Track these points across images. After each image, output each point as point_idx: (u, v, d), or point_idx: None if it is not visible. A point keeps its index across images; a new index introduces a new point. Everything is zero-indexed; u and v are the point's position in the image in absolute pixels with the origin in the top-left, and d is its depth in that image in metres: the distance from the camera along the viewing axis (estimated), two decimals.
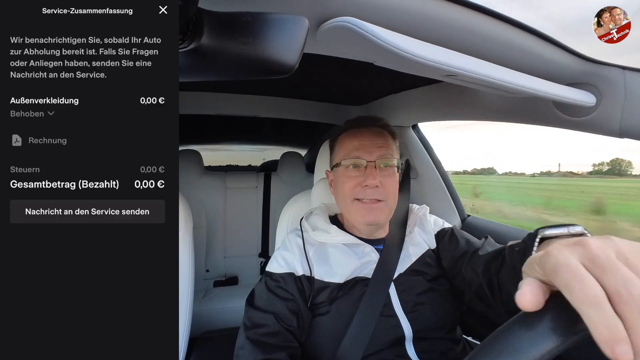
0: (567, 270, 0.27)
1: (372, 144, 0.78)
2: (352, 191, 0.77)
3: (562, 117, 0.69)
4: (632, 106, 0.59)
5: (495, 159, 20.71)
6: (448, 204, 1.37)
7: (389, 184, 0.77)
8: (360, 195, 0.76)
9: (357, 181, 0.76)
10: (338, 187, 0.82)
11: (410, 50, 0.42)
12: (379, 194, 0.76)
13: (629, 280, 0.24)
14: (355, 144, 0.79)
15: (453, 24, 0.50)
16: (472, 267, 0.70)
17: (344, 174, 0.79)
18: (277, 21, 0.33)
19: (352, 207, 0.78)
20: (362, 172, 0.77)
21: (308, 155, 2.71)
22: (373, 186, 0.75)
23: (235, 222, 1.98)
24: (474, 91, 0.86)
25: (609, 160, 7.23)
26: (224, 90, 1.37)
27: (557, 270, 0.28)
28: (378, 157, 0.77)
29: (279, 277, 0.75)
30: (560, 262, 0.28)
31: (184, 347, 0.92)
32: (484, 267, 0.66)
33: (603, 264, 0.26)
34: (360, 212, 0.77)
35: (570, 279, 0.26)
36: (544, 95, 0.56)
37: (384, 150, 0.78)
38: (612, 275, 0.25)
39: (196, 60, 0.33)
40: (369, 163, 0.76)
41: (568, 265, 0.27)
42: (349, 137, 0.81)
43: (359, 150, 0.77)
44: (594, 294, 0.24)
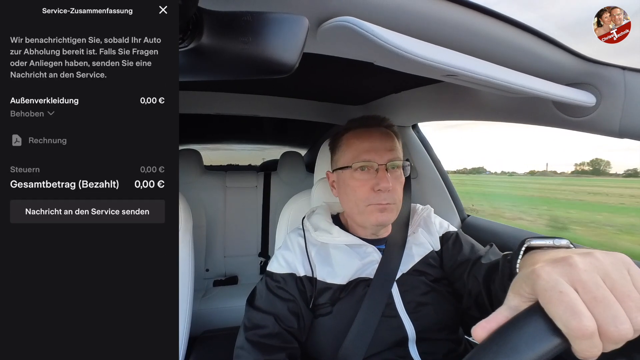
0: (561, 304, 0.28)
1: (382, 146, 0.76)
2: (366, 196, 0.75)
3: (562, 117, 0.69)
4: (632, 106, 0.59)
5: (485, 158, 20.79)
6: (448, 204, 1.37)
7: (398, 186, 0.77)
8: (374, 200, 0.75)
9: (370, 185, 0.75)
10: (347, 191, 0.80)
11: (411, 50, 0.42)
12: (391, 197, 0.75)
13: (617, 317, 0.27)
14: (365, 146, 0.77)
15: (453, 23, 0.50)
16: (474, 275, 0.70)
17: (353, 176, 0.77)
18: (277, 21, 0.33)
19: (365, 211, 0.76)
20: (373, 175, 0.75)
21: (308, 155, 2.71)
22: (387, 190, 0.73)
23: (235, 222, 1.98)
24: (474, 91, 0.86)
25: (589, 160, 7.25)
26: (224, 90, 1.37)
27: (550, 299, 0.29)
28: (389, 160, 0.76)
29: (280, 277, 0.75)
30: (552, 287, 0.29)
31: (184, 346, 0.92)
32: (485, 276, 0.66)
33: (595, 294, 0.28)
34: (374, 215, 0.75)
35: (567, 315, 0.27)
36: (544, 96, 0.56)
37: (394, 153, 0.77)
38: (603, 310, 0.27)
39: (196, 59, 0.33)
40: (380, 166, 0.75)
41: (562, 298, 0.28)
42: (358, 139, 0.79)
43: (369, 153, 0.76)
44: (590, 331, 0.26)
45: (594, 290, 0.28)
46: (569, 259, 0.31)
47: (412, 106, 1.19)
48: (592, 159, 4.47)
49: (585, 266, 0.30)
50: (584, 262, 0.30)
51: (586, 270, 0.29)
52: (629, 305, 0.27)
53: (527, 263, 0.42)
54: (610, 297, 0.28)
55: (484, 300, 0.65)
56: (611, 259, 0.30)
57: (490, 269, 0.66)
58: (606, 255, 0.31)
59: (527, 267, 0.37)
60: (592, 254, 0.31)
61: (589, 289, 0.28)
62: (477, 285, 0.67)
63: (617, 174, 3.12)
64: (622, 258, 0.31)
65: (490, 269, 0.66)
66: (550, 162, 16.24)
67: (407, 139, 1.35)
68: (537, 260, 0.38)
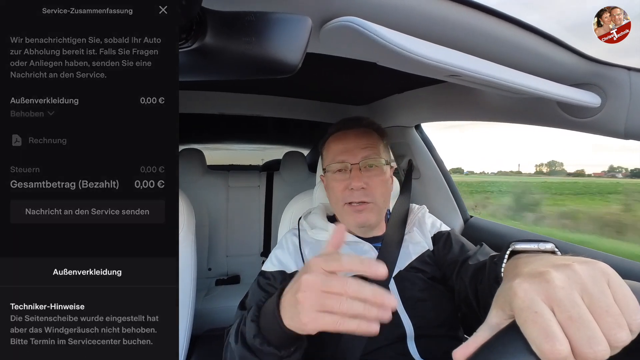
0: (535, 325, 0.28)
1: (355, 146, 0.78)
2: (341, 195, 0.78)
3: (567, 118, 0.69)
4: (638, 107, 0.58)
5: (463, 159, 21.14)
6: (451, 204, 1.36)
7: (375, 184, 0.77)
8: (349, 198, 0.77)
9: (344, 184, 0.77)
10: (329, 193, 0.84)
11: (414, 50, 0.42)
12: (366, 196, 0.76)
13: (593, 338, 0.26)
14: (340, 148, 0.80)
15: (456, 23, 0.49)
16: (461, 276, 0.71)
17: (332, 178, 0.80)
18: (280, 21, 0.33)
19: (343, 211, 0.79)
20: (347, 175, 0.77)
21: (310, 155, 2.71)
22: (358, 188, 0.75)
23: (237, 221, 1.98)
24: (477, 92, 0.86)
25: (547, 162, 7.33)
26: (227, 90, 1.37)
27: (525, 319, 0.29)
28: (362, 159, 0.77)
29: (270, 275, 0.76)
30: (528, 307, 0.29)
31: (186, 345, 0.92)
32: (471, 277, 0.66)
33: (570, 313, 0.27)
34: (351, 216, 0.78)
35: (541, 338, 0.27)
36: (548, 96, 0.55)
37: (368, 151, 0.78)
38: (578, 330, 0.27)
39: (200, 59, 0.33)
40: (352, 166, 0.77)
41: (536, 319, 0.28)
42: (335, 141, 0.82)
43: (343, 154, 0.78)
44: (563, 355, 0.26)
45: (570, 309, 0.27)
46: (546, 274, 0.30)
47: (415, 106, 1.19)
48: (549, 160, 4.50)
49: (562, 282, 0.29)
50: (562, 278, 0.29)
51: (563, 287, 0.29)
52: (607, 322, 0.27)
53: (510, 270, 0.42)
54: (586, 316, 0.27)
55: (471, 301, 0.65)
56: (590, 271, 0.30)
57: (477, 270, 0.66)
58: (585, 266, 0.30)
59: (509, 276, 0.38)
60: (570, 267, 0.30)
61: (565, 308, 0.28)
62: (464, 286, 0.68)
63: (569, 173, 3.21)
64: (603, 268, 0.30)
65: (477, 270, 0.66)
66: (522, 163, 16.14)
67: (410, 139, 1.35)
68: (519, 270, 0.38)
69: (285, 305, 0.46)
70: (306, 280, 0.42)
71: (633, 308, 0.28)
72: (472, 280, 0.66)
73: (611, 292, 0.28)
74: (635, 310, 0.28)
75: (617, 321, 0.27)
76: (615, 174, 2.26)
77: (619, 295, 0.28)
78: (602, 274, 0.30)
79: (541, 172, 3.52)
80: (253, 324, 0.51)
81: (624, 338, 0.26)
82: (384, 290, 0.40)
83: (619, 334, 0.26)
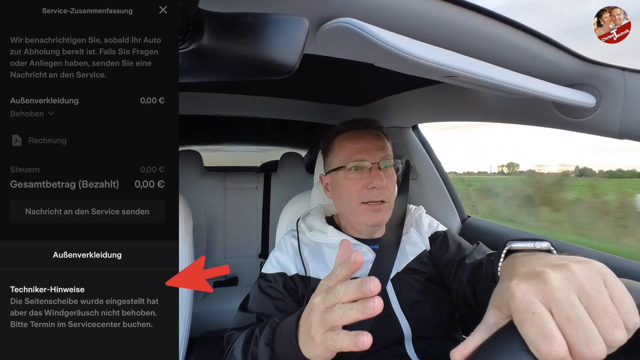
0: (533, 326, 0.28)
1: (373, 146, 0.78)
2: (358, 194, 0.77)
3: (562, 119, 0.69)
4: (632, 107, 0.59)
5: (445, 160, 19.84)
6: (448, 204, 1.37)
7: (390, 185, 0.78)
8: (367, 197, 0.76)
9: (363, 183, 0.77)
10: (340, 191, 0.81)
11: (411, 51, 0.42)
12: (384, 195, 0.76)
13: (590, 338, 0.26)
14: (357, 147, 0.79)
15: (453, 25, 0.50)
16: (459, 276, 0.71)
17: (346, 176, 0.79)
18: (277, 22, 0.33)
19: (358, 210, 0.78)
20: (366, 174, 0.77)
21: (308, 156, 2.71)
22: (380, 187, 0.75)
23: (235, 223, 1.98)
24: (474, 92, 0.86)
25: (506, 163, 7.48)
26: (225, 91, 1.37)
27: (523, 320, 0.29)
28: (381, 159, 0.78)
29: (271, 277, 0.75)
30: (525, 309, 0.29)
31: (184, 348, 0.91)
32: (469, 276, 0.67)
33: (568, 314, 0.28)
34: (367, 215, 0.77)
35: (539, 339, 0.27)
36: (544, 97, 0.56)
37: (384, 152, 0.79)
38: (576, 331, 0.27)
39: (197, 60, 0.33)
40: (373, 165, 0.77)
41: (534, 320, 0.28)
42: (349, 140, 0.81)
43: (361, 153, 0.78)
44: (561, 356, 0.26)
45: (568, 310, 0.28)
46: (544, 274, 0.30)
47: (412, 107, 1.20)
48: (508, 162, 4.51)
49: (559, 283, 0.29)
50: (559, 279, 0.30)
51: (560, 287, 0.29)
52: (604, 322, 0.27)
53: (506, 269, 0.42)
54: (584, 316, 0.27)
55: (469, 300, 0.65)
56: (587, 271, 0.30)
57: (474, 269, 0.66)
58: (582, 266, 0.30)
59: (506, 275, 0.38)
60: (567, 267, 0.31)
61: (563, 309, 0.28)
62: (462, 285, 0.68)
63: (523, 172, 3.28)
64: (599, 268, 0.30)
65: (474, 269, 0.67)
66: (493, 164, 15.97)
67: (407, 140, 1.35)
68: (516, 270, 0.38)
69: (302, 331, 0.46)
70: (312, 302, 0.43)
71: (629, 307, 0.28)
72: (469, 280, 0.66)
73: (608, 292, 0.29)
74: (631, 309, 0.28)
75: (614, 321, 0.27)
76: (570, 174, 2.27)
77: (615, 294, 0.29)
78: (598, 273, 0.30)
79: (502, 172, 3.54)
80: (267, 347, 0.50)
81: (620, 337, 0.27)
82: (367, 279, 0.37)
83: (616, 334, 0.27)
